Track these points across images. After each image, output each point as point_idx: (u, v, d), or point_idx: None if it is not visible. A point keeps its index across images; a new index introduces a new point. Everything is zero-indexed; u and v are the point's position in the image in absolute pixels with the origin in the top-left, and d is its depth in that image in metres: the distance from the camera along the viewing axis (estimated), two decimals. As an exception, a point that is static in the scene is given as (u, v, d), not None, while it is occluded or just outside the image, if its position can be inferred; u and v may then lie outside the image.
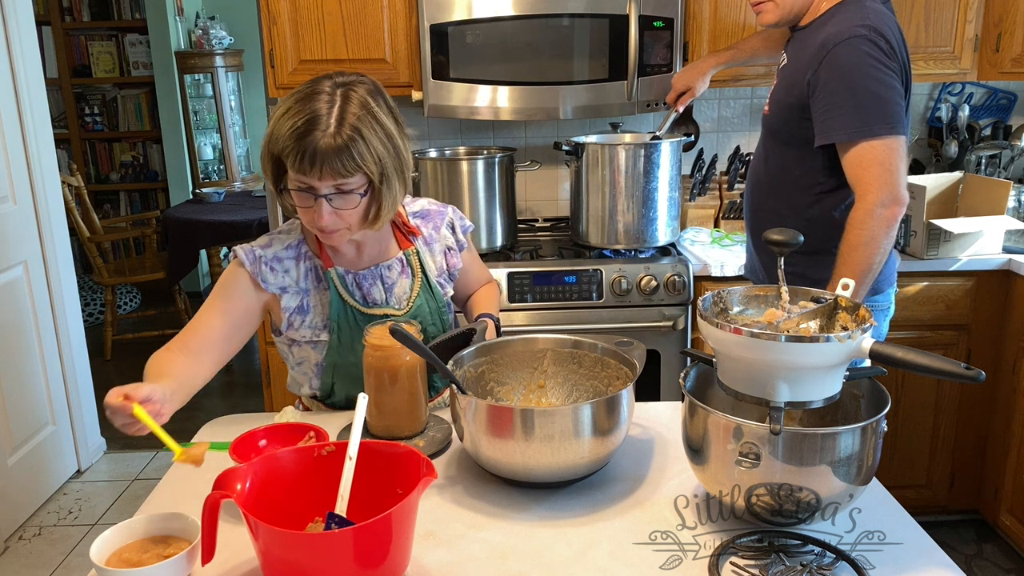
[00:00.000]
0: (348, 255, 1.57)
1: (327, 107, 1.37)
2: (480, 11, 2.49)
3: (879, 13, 1.80)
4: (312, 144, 1.34)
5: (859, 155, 1.75)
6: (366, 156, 1.38)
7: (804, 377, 1.08)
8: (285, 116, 1.39)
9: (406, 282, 1.60)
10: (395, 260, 1.60)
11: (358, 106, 1.39)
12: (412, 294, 1.60)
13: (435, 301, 1.63)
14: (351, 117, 1.37)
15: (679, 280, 2.46)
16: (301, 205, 1.42)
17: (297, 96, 1.40)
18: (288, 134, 1.36)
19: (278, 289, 1.52)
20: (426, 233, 1.65)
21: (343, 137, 1.35)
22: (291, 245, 1.55)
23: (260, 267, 1.51)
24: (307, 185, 1.39)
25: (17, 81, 3.01)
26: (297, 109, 1.37)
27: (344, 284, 1.55)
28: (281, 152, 1.38)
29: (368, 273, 1.57)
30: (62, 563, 2.78)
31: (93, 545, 1.05)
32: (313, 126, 1.35)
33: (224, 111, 5.52)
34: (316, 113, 1.36)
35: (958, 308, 2.57)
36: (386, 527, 0.98)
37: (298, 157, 1.35)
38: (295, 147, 1.35)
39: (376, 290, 1.57)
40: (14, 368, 2.97)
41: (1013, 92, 3.07)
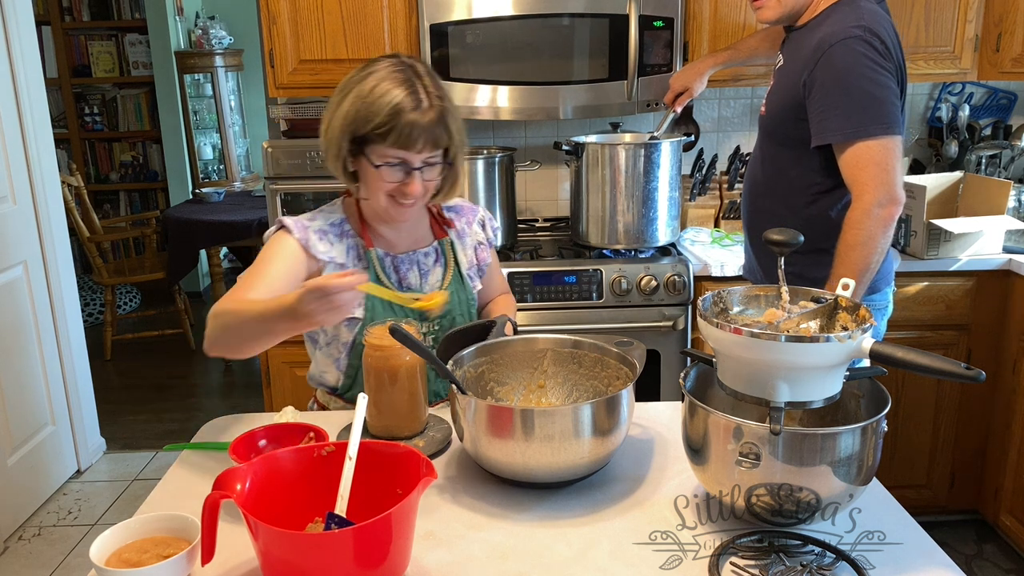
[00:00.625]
0: (388, 238, 1.61)
1: (414, 83, 1.43)
2: (480, 11, 2.49)
3: (874, 13, 1.80)
4: (414, 119, 1.41)
5: (855, 155, 1.75)
6: (452, 128, 1.47)
7: (804, 377, 1.08)
8: (372, 96, 1.42)
9: (439, 271, 1.64)
10: (431, 248, 1.65)
11: (430, 79, 1.47)
12: (444, 283, 1.64)
13: (465, 292, 1.66)
14: (435, 90, 1.46)
15: (679, 280, 2.46)
16: (390, 179, 1.46)
17: (374, 77, 1.44)
18: (388, 111, 1.40)
19: (326, 258, 1.55)
20: (459, 227, 1.70)
21: (437, 110, 1.43)
22: (334, 222, 1.59)
23: (308, 235, 1.54)
24: (402, 159, 1.45)
25: (17, 81, 3.01)
26: (387, 87, 1.42)
27: (382, 266, 1.58)
28: (374, 130, 1.42)
29: (405, 258, 1.61)
30: (62, 563, 2.78)
31: (93, 545, 1.05)
32: (412, 102, 1.41)
33: (224, 111, 5.52)
34: (411, 89, 1.42)
35: (958, 308, 2.57)
36: (386, 527, 0.98)
37: (401, 133, 1.41)
38: (396, 123, 1.40)
39: (412, 275, 1.61)
40: (14, 368, 2.97)
41: (1013, 92, 3.07)
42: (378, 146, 1.44)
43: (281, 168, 2.59)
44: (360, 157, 1.48)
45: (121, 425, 3.84)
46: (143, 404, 4.11)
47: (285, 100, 2.77)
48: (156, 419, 3.95)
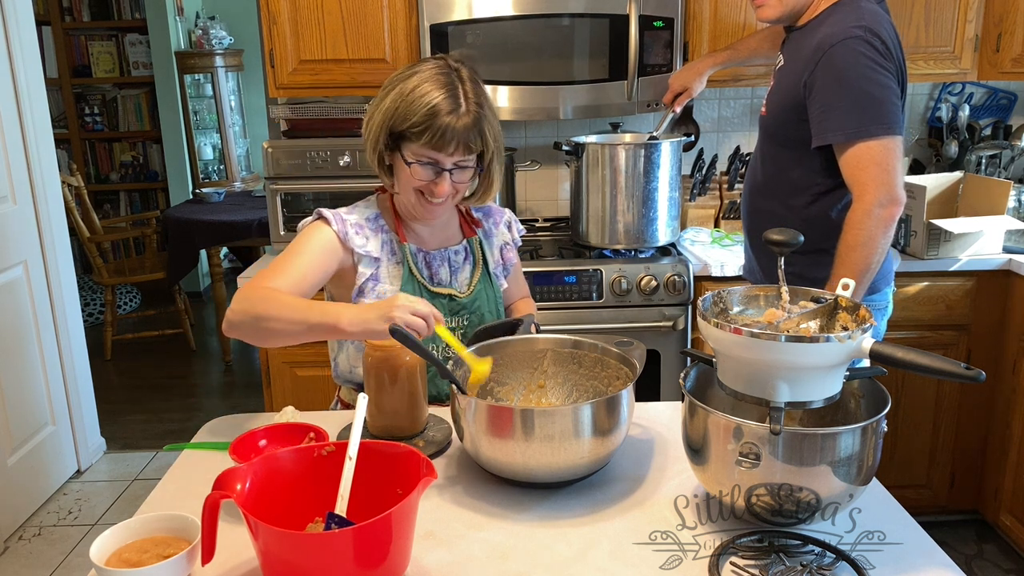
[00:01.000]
0: (421, 234, 1.64)
1: (455, 87, 1.46)
2: (480, 11, 2.49)
3: (874, 13, 1.80)
4: (449, 122, 1.44)
5: (856, 156, 1.75)
6: (488, 133, 1.50)
7: (804, 377, 1.08)
8: (413, 95, 1.45)
9: (468, 268, 1.68)
10: (460, 246, 1.68)
11: (473, 85, 1.49)
12: (474, 280, 1.66)
13: (493, 290, 1.69)
14: (474, 95, 1.48)
15: (679, 280, 2.46)
16: (421, 177, 1.49)
17: (418, 77, 1.47)
18: (425, 111, 1.43)
19: (362, 251, 1.57)
20: (487, 226, 1.74)
21: (472, 115, 1.46)
22: (370, 217, 1.61)
23: (347, 227, 1.56)
24: (434, 159, 1.48)
25: (17, 81, 3.01)
26: (426, 89, 1.45)
27: (415, 261, 1.61)
28: (410, 128, 1.45)
29: (437, 254, 1.64)
30: (62, 563, 2.78)
31: (93, 545, 1.05)
32: (450, 105, 1.44)
33: (224, 111, 5.52)
34: (451, 92, 1.45)
35: (958, 308, 2.57)
36: (386, 527, 0.98)
37: (435, 135, 1.44)
38: (431, 124, 1.43)
39: (443, 271, 1.64)
40: (14, 368, 2.97)
41: (1013, 92, 3.07)
42: (412, 144, 1.47)
43: (281, 168, 2.59)
44: (396, 152, 1.51)
45: (121, 425, 3.84)
46: (143, 404, 4.11)
47: (285, 100, 2.77)
48: (156, 419, 3.95)
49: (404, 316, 1.29)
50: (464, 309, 1.63)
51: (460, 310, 1.63)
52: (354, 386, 1.68)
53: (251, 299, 1.41)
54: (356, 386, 1.68)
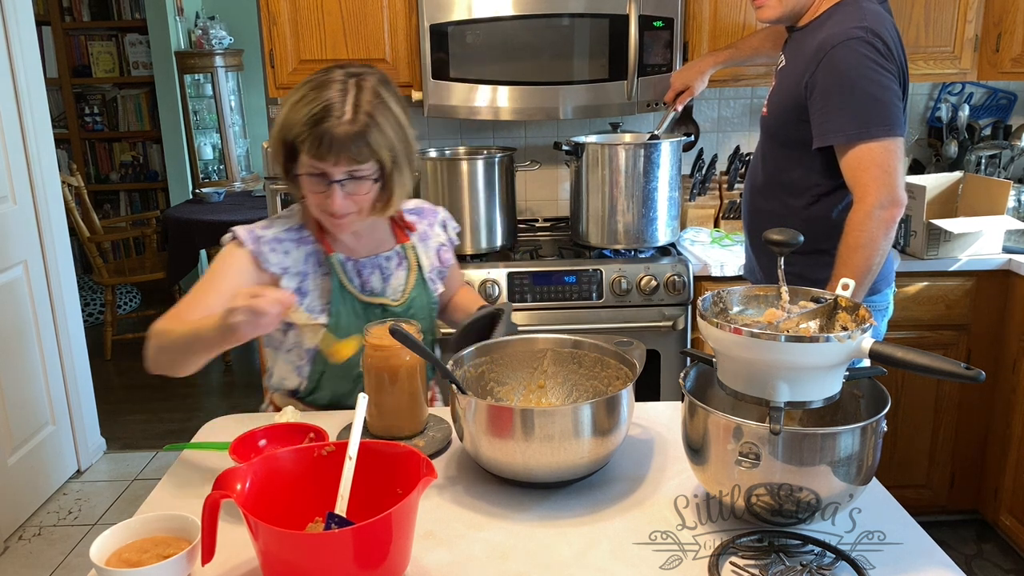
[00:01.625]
0: (347, 243, 1.59)
1: (341, 95, 1.41)
2: (480, 11, 2.49)
3: (876, 14, 1.79)
4: (329, 130, 1.39)
5: (857, 157, 1.75)
6: (380, 143, 1.43)
7: (804, 377, 1.08)
8: (300, 103, 1.42)
9: (402, 274, 1.63)
10: (393, 252, 1.63)
11: (371, 94, 1.44)
12: (408, 286, 1.63)
13: (427, 296, 1.66)
14: (365, 104, 1.42)
15: (679, 280, 2.46)
16: (313, 190, 1.46)
17: (311, 84, 1.44)
18: (304, 120, 1.40)
19: (279, 270, 1.53)
20: (421, 229, 1.70)
21: (359, 124, 1.40)
22: (291, 228, 1.57)
23: (261, 247, 1.52)
24: (320, 171, 1.43)
25: (17, 81, 3.01)
26: (312, 97, 1.41)
27: (344, 270, 1.57)
28: (296, 138, 1.42)
29: (368, 262, 1.60)
30: (62, 563, 2.78)
31: (93, 545, 1.05)
32: (329, 113, 1.39)
33: (224, 111, 5.51)
34: (331, 100, 1.40)
35: (958, 308, 2.57)
36: (386, 527, 0.98)
37: (315, 143, 1.39)
38: (311, 133, 1.39)
39: (375, 279, 1.60)
40: (14, 368, 2.97)
41: (1013, 92, 3.07)
42: (301, 155, 1.43)
43: (281, 168, 2.59)
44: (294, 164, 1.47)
45: (121, 425, 3.84)
46: (143, 404, 4.11)
47: (285, 100, 2.77)
48: (156, 419, 3.95)
49: (240, 315, 1.24)
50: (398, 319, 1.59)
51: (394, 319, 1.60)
52: (285, 392, 1.66)
53: (157, 334, 1.41)
54: (287, 392, 1.65)
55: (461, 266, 2.47)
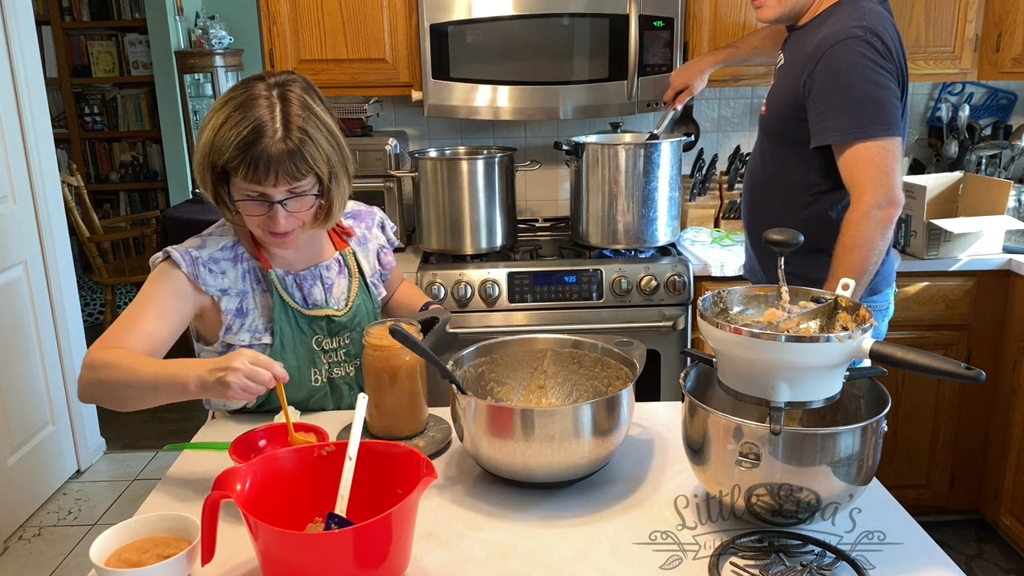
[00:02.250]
0: (286, 257, 1.55)
1: (269, 112, 1.35)
2: (480, 11, 2.49)
3: (876, 13, 1.79)
4: (263, 152, 1.33)
5: (855, 157, 1.74)
6: (316, 156, 1.38)
7: (804, 377, 1.08)
8: (226, 126, 1.35)
9: (344, 282, 1.60)
10: (332, 260, 1.60)
11: (299, 106, 1.38)
12: (351, 294, 1.59)
13: (371, 302, 1.63)
14: (296, 119, 1.36)
15: (679, 280, 2.46)
16: (253, 213, 1.40)
17: (234, 104, 1.36)
18: (235, 144, 1.33)
19: (218, 291, 1.47)
20: (359, 233, 1.66)
21: (293, 141, 1.34)
22: (226, 246, 1.51)
23: (198, 268, 1.46)
24: (259, 193, 1.38)
25: (17, 81, 3.01)
26: (239, 118, 1.34)
27: (284, 285, 1.52)
28: (227, 163, 1.35)
29: (308, 274, 1.55)
30: (62, 563, 2.78)
31: (93, 545, 1.05)
32: (260, 133, 1.33)
33: (224, 111, 5.51)
34: (260, 120, 1.33)
35: (958, 308, 2.57)
36: (386, 527, 0.98)
37: (250, 167, 1.33)
38: (244, 156, 1.33)
39: (316, 290, 1.56)
40: (14, 368, 2.97)
41: (1013, 92, 3.07)
42: (235, 179, 1.37)
43: (281, 168, 2.59)
44: (226, 186, 1.42)
45: (121, 425, 3.84)
46: (143, 404, 4.10)
47: (285, 100, 2.77)
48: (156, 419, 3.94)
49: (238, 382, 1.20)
50: (344, 329, 1.56)
51: (340, 330, 1.56)
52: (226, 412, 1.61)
53: (97, 367, 1.32)
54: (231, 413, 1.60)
55: (461, 266, 2.48)
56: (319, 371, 1.56)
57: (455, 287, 2.45)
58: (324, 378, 1.58)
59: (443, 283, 2.44)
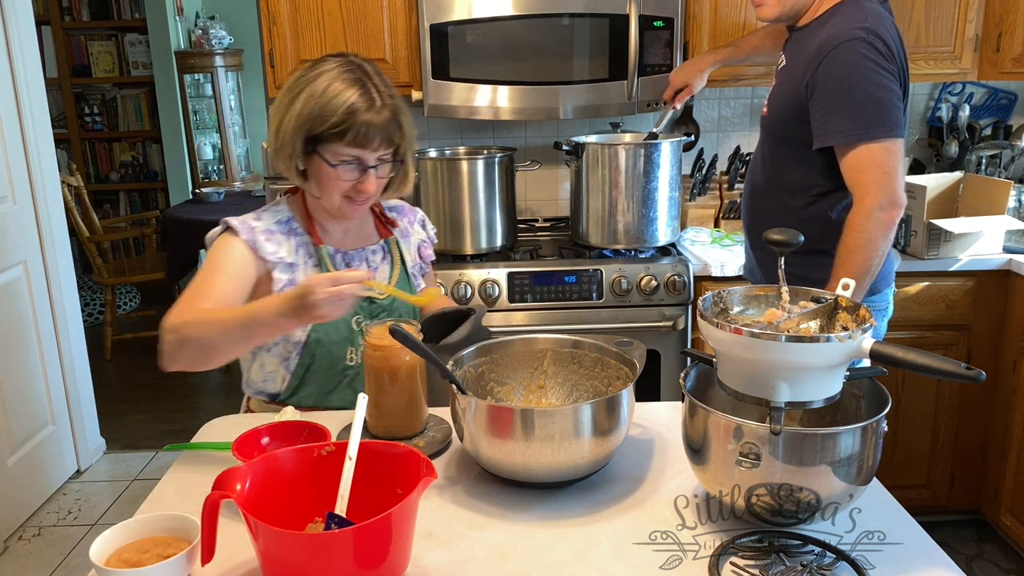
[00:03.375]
0: (336, 236, 1.62)
1: (365, 83, 1.46)
2: (480, 11, 2.49)
3: (877, 14, 1.79)
4: (370, 118, 1.44)
5: (857, 158, 1.74)
6: (406, 125, 1.51)
7: (804, 377, 1.08)
8: (325, 96, 1.44)
9: (387, 268, 1.66)
10: (378, 246, 1.66)
11: (380, 79, 1.49)
12: (392, 280, 1.65)
13: (411, 290, 1.68)
14: (386, 88, 1.49)
15: (679, 280, 2.46)
16: (345, 177, 1.48)
17: (325, 77, 1.46)
18: (344, 111, 1.43)
19: (275, 259, 1.54)
20: (402, 226, 1.73)
21: (389, 110, 1.47)
22: (281, 220, 1.58)
23: (256, 236, 1.53)
24: (356, 157, 1.47)
25: (17, 81, 3.01)
26: (340, 87, 1.44)
27: (333, 262, 1.59)
28: (330, 129, 1.44)
29: (356, 254, 1.63)
30: (62, 563, 2.78)
31: (93, 545, 1.05)
32: (367, 102, 1.44)
33: (224, 111, 5.52)
34: (364, 89, 1.45)
35: (958, 308, 2.57)
36: (386, 527, 0.98)
37: (357, 132, 1.44)
38: (351, 122, 1.43)
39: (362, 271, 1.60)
40: (14, 368, 2.97)
41: (1013, 92, 3.07)
42: (334, 145, 1.46)
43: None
44: (314, 156, 1.49)
45: (121, 425, 3.84)
46: (143, 404, 4.11)
47: (285, 100, 2.77)
48: (156, 419, 3.95)
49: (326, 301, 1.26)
50: (383, 311, 1.62)
51: (379, 312, 1.62)
52: (265, 397, 1.64)
53: (179, 327, 1.38)
54: (267, 397, 1.64)
55: (461, 266, 2.48)
56: (355, 351, 1.61)
57: (455, 287, 2.45)
58: (358, 359, 1.62)
59: (443, 283, 2.45)
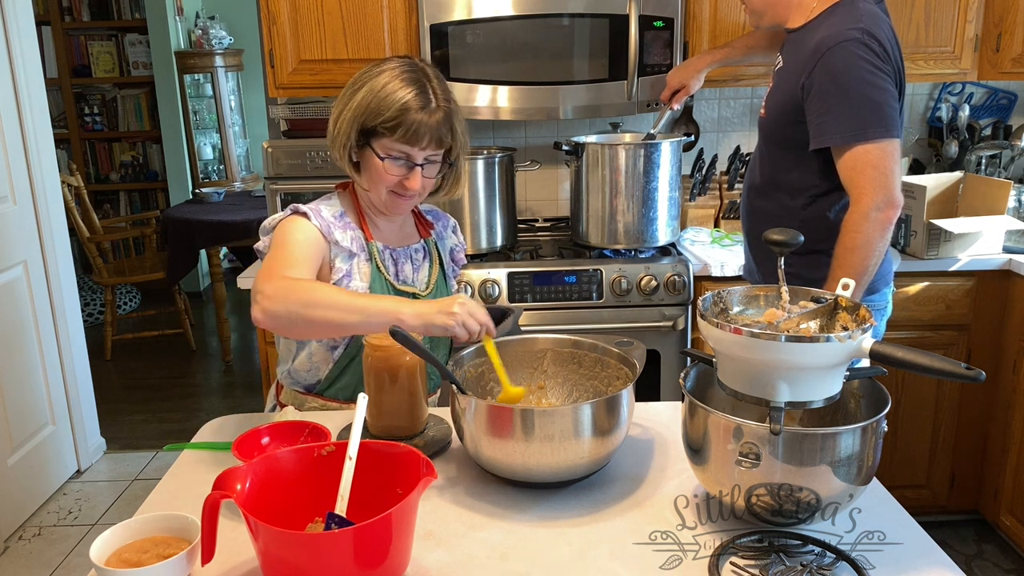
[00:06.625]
0: (385, 232, 1.66)
1: (424, 83, 1.50)
2: (480, 11, 2.49)
3: (872, 15, 1.79)
4: (423, 119, 1.47)
5: (853, 159, 1.75)
6: (457, 129, 1.54)
7: (804, 377, 1.08)
8: (385, 91, 1.48)
9: (427, 266, 1.70)
10: (420, 245, 1.70)
11: (439, 83, 1.53)
12: (432, 279, 1.69)
13: (447, 290, 1.72)
14: (442, 92, 1.52)
15: (679, 280, 2.46)
16: (392, 172, 1.52)
17: (388, 74, 1.50)
18: (398, 106, 1.46)
19: (342, 246, 1.57)
20: (438, 229, 1.77)
21: (443, 111, 1.50)
22: (337, 214, 1.61)
23: (323, 220, 1.56)
24: (405, 154, 1.50)
25: (17, 81, 3.01)
26: (398, 85, 1.48)
27: (382, 258, 1.62)
28: (382, 123, 1.48)
29: (402, 251, 1.66)
30: (62, 563, 2.78)
31: (93, 545, 1.05)
32: (421, 101, 1.47)
33: (224, 111, 5.52)
34: (421, 88, 1.48)
35: (958, 308, 2.57)
36: (386, 527, 0.98)
37: (408, 130, 1.47)
38: (403, 119, 1.46)
39: (407, 268, 1.66)
40: (14, 368, 2.97)
41: (1013, 92, 3.07)
42: (385, 139, 1.49)
43: (281, 168, 2.59)
44: (366, 148, 1.53)
45: (121, 425, 3.84)
46: (143, 404, 4.11)
47: (285, 100, 2.78)
48: (156, 419, 3.95)
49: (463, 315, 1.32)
50: None
51: None
52: (301, 388, 1.66)
53: (292, 289, 1.38)
54: (303, 388, 1.66)
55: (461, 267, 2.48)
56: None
57: (455, 287, 2.45)
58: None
59: (443, 283, 2.45)
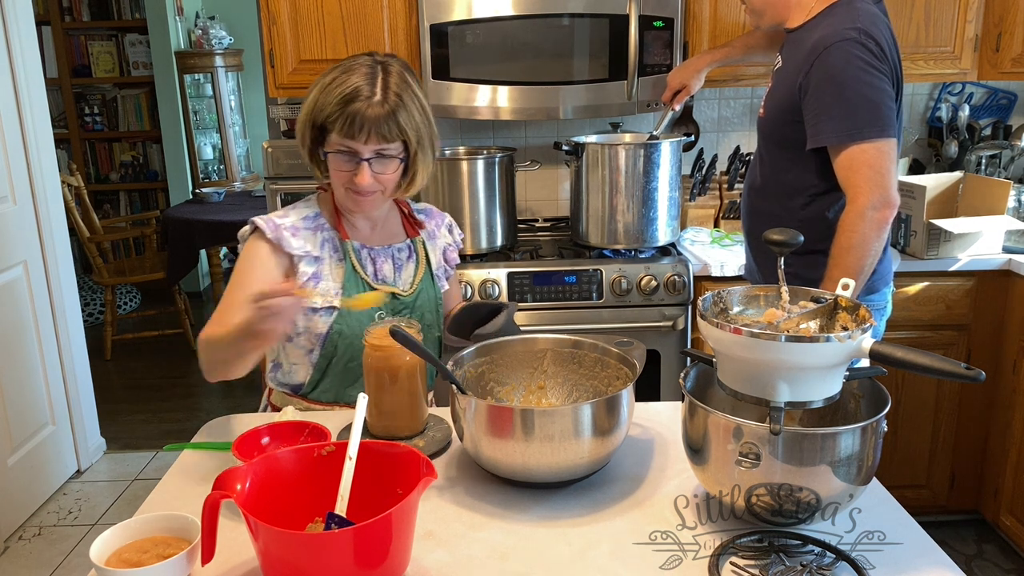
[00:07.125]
0: (363, 231, 1.64)
1: (370, 77, 1.49)
2: (480, 11, 2.49)
3: (870, 15, 1.79)
4: (360, 110, 1.46)
5: (849, 158, 1.75)
6: (407, 124, 1.50)
7: (804, 377, 1.08)
8: (331, 86, 1.49)
9: (412, 267, 1.68)
10: (404, 244, 1.69)
11: (398, 77, 1.51)
12: (416, 279, 1.67)
13: (435, 290, 1.70)
14: (393, 87, 1.50)
15: (679, 280, 2.46)
16: (341, 168, 1.51)
17: (340, 69, 1.51)
18: (336, 101, 1.47)
19: (301, 252, 1.57)
20: (429, 228, 1.75)
21: (389, 105, 1.47)
22: (308, 216, 1.61)
23: (280, 233, 1.56)
24: (350, 148, 1.49)
25: (17, 81, 3.01)
26: (343, 79, 1.48)
27: (358, 257, 1.61)
28: (327, 119, 1.48)
29: (381, 250, 1.65)
30: (62, 563, 2.78)
31: (93, 545, 1.05)
32: (360, 93, 1.46)
33: (224, 111, 5.52)
34: (361, 83, 1.48)
35: (958, 308, 2.57)
36: (386, 527, 0.98)
37: (346, 122, 1.46)
38: (343, 112, 1.46)
39: (387, 267, 1.65)
40: (14, 368, 2.97)
41: (1013, 92, 3.07)
42: (332, 135, 1.50)
43: (281, 168, 2.59)
44: (321, 146, 1.54)
45: (121, 425, 3.84)
46: (143, 404, 4.11)
47: (285, 100, 2.78)
48: (156, 419, 3.95)
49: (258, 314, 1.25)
50: (406, 308, 1.64)
51: (402, 309, 1.64)
52: (288, 390, 1.67)
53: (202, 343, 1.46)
54: (290, 389, 1.67)
55: (461, 266, 2.48)
56: None
57: (455, 287, 2.45)
58: None
59: (443, 283, 2.45)
